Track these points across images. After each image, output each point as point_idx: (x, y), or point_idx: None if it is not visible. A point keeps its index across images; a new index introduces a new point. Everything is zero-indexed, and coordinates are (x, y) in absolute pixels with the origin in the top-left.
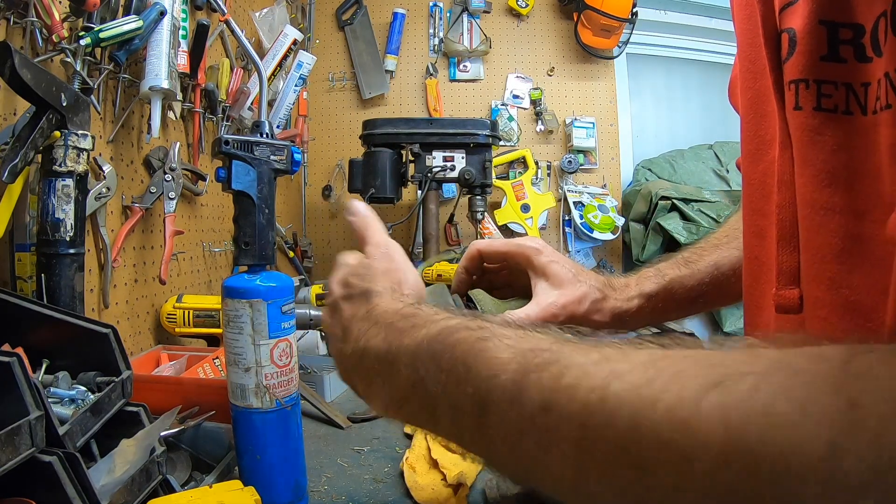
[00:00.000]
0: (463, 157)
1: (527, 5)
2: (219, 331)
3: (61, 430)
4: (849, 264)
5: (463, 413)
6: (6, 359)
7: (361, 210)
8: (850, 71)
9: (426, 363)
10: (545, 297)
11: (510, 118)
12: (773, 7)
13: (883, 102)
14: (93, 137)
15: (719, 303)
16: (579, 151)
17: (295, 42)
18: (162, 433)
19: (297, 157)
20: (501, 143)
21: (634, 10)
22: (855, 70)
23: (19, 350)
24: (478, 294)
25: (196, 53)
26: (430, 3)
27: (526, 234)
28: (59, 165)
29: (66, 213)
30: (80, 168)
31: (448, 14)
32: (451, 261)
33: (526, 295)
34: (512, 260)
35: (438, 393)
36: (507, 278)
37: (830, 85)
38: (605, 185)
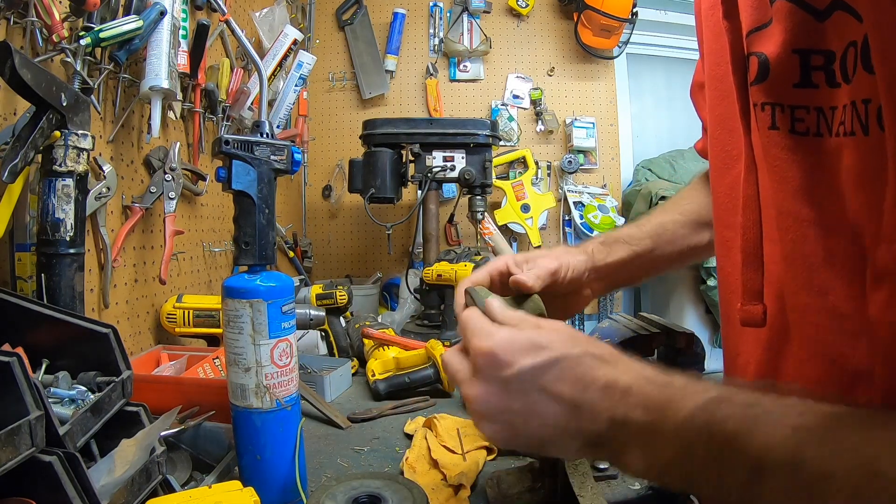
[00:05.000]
0: (463, 157)
1: (527, 5)
2: (219, 331)
3: (61, 430)
4: (832, 272)
5: (733, 481)
6: (6, 359)
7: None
8: (822, 95)
9: (695, 436)
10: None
11: (510, 118)
12: (741, 31)
13: (847, 129)
14: (93, 137)
15: (669, 258)
16: (579, 151)
17: (295, 42)
18: (162, 433)
19: (297, 157)
20: (501, 143)
21: (634, 10)
22: (825, 95)
23: (19, 350)
24: (480, 290)
25: (196, 53)
26: (430, 3)
27: (526, 234)
28: (59, 165)
29: (66, 213)
30: (80, 168)
31: (448, 14)
32: (451, 261)
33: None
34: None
35: (708, 462)
36: None
37: (803, 110)
38: (605, 185)
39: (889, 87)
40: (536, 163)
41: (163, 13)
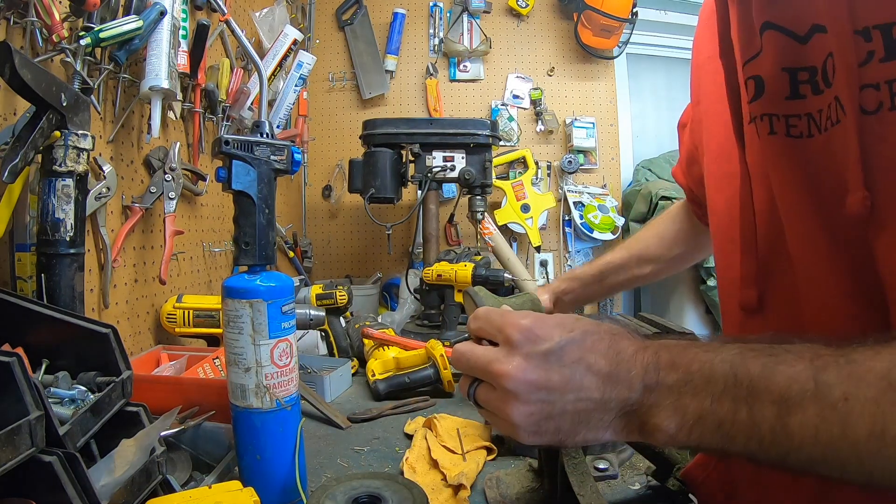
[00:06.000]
0: (463, 157)
1: (527, 5)
2: (219, 331)
3: (61, 430)
4: (836, 248)
5: (762, 419)
6: (6, 359)
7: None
8: (809, 103)
9: (722, 383)
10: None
11: (510, 118)
12: (736, 65)
13: (833, 120)
14: (93, 137)
15: (616, 285)
16: (579, 151)
17: (295, 42)
18: (162, 433)
19: (297, 157)
20: (501, 143)
21: (634, 10)
22: (812, 102)
23: (19, 350)
24: (479, 291)
25: (196, 53)
26: (430, 3)
27: (526, 234)
28: (59, 165)
29: (66, 213)
30: (80, 168)
31: (448, 14)
32: (451, 261)
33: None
34: None
35: (737, 405)
36: None
37: (795, 118)
38: (605, 185)
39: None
40: (536, 163)
41: (163, 13)
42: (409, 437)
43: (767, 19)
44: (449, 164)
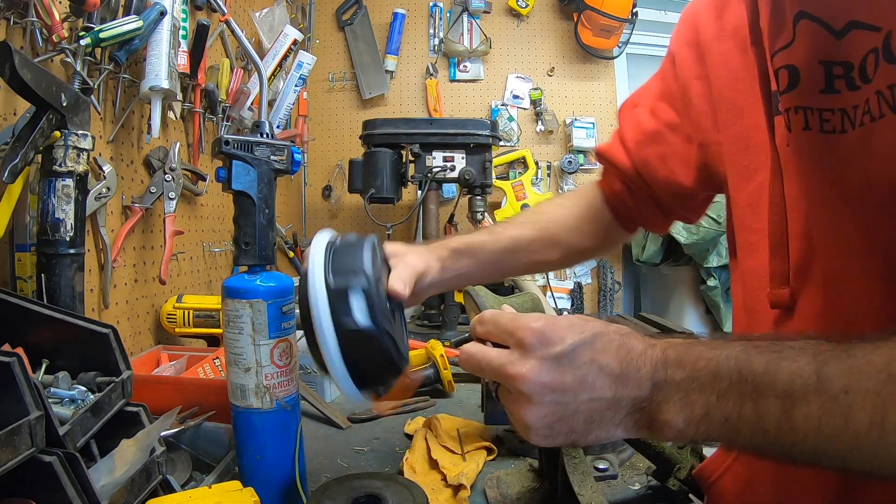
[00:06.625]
0: (463, 158)
1: (527, 5)
2: (219, 331)
3: (61, 430)
4: (869, 244)
5: (767, 413)
6: (6, 359)
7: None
8: (844, 98)
9: (727, 379)
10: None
11: (510, 118)
12: (766, 55)
13: (876, 114)
14: (93, 137)
15: (513, 270)
16: (579, 151)
17: (295, 42)
18: (162, 433)
19: (297, 157)
20: (501, 143)
21: (634, 10)
22: (847, 97)
23: (19, 350)
24: (480, 291)
25: (196, 53)
26: (430, 3)
27: None
28: (59, 165)
29: (66, 213)
30: (80, 168)
31: (448, 14)
32: None
33: None
34: None
35: (743, 401)
36: None
37: (829, 112)
38: None
39: None
40: (536, 163)
41: (163, 13)
42: (409, 437)
43: (802, 9)
44: (449, 165)
